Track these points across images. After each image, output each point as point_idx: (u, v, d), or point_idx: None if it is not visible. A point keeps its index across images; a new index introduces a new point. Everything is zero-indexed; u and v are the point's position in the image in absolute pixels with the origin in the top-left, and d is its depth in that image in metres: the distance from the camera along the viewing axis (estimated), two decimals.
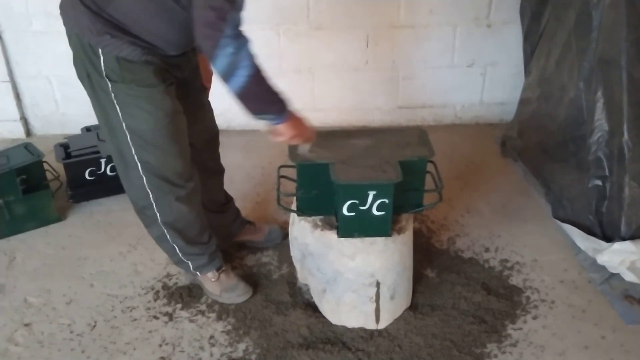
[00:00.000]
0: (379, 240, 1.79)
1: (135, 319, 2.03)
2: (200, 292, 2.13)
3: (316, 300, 2.02)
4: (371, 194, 1.68)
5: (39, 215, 2.48)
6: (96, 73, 1.62)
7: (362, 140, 1.88)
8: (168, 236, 1.94)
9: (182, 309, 2.06)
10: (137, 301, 2.10)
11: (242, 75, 1.50)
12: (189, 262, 2.03)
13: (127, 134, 1.70)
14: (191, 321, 2.01)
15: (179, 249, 1.98)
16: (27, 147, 2.59)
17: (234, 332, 1.96)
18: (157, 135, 1.71)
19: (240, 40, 1.48)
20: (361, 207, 1.71)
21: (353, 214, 1.72)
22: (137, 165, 1.76)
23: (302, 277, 2.09)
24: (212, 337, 1.95)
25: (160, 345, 1.92)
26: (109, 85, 1.62)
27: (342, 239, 1.79)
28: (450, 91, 3.26)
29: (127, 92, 1.63)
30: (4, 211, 2.39)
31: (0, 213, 2.39)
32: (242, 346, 1.90)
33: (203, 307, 2.07)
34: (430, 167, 1.87)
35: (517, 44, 3.04)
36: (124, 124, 1.69)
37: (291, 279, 2.16)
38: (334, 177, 1.68)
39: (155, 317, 2.03)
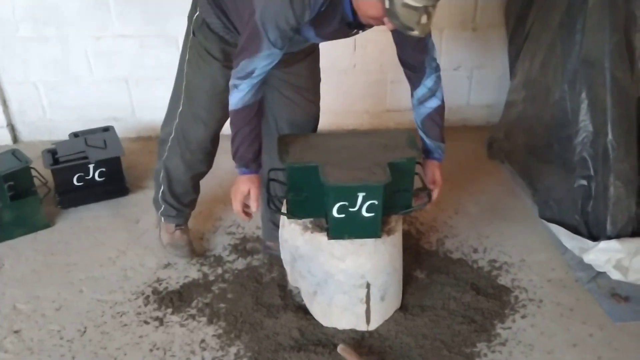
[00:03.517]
0: (369, 241, 1.80)
1: (125, 324, 2.02)
2: (191, 296, 2.13)
3: (307, 302, 2.03)
4: (360, 195, 1.69)
5: (27, 222, 2.46)
6: (190, 22, 1.92)
7: (351, 142, 1.90)
8: (161, 175, 2.18)
9: (172, 313, 2.06)
10: (127, 306, 2.09)
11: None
12: (162, 206, 2.24)
13: (184, 80, 1.98)
14: (182, 325, 2.01)
15: (161, 191, 2.21)
16: (14, 153, 2.58)
17: (225, 336, 1.96)
18: (200, 97, 1.97)
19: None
20: (351, 209, 1.72)
21: (343, 215, 1.73)
22: (179, 108, 2.03)
23: (293, 279, 2.10)
24: (203, 341, 1.95)
25: (151, 350, 1.92)
26: (191, 36, 1.92)
27: (332, 241, 1.80)
28: None
29: (197, 49, 1.91)
30: None
31: None
32: (233, 350, 1.90)
33: (194, 312, 2.07)
34: (418, 169, 1.89)
35: (502, 47, 3.09)
36: (185, 71, 1.97)
37: (282, 282, 2.17)
38: (323, 179, 1.69)
39: (146, 322, 2.03)
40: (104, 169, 2.62)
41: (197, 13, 1.87)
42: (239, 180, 1.81)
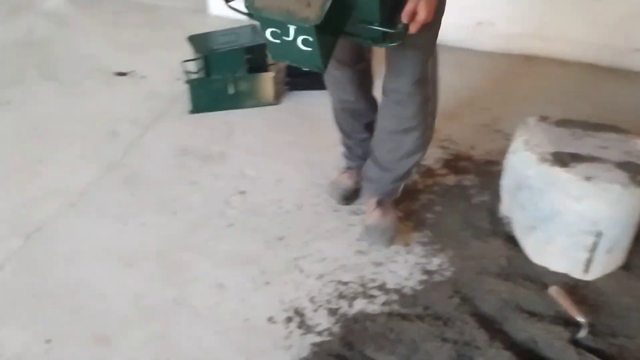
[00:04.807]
0: (616, 188, 1.65)
1: (336, 210, 2.12)
2: (400, 198, 2.15)
3: (519, 234, 1.94)
4: (292, 28, 1.43)
5: (258, 95, 2.64)
6: None
7: None
8: None
9: None
10: None
11: None
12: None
13: None
14: None
15: None
16: (253, 28, 2.72)
17: (429, 246, 1.97)
18: None
19: None
20: (285, 37, 1.47)
21: (278, 41, 1.49)
22: None
23: (507, 208, 2.01)
24: (407, 244, 1.98)
25: (358, 240, 2.00)
26: None
27: (572, 178, 1.67)
28: None
29: None
30: (231, 85, 2.57)
31: (227, 86, 2.58)
32: (436, 260, 1.92)
33: (401, 215, 2.09)
34: None
35: None
36: None
37: (492, 208, 2.10)
38: (246, 1, 1.41)
39: (355, 213, 2.10)
40: None
41: None
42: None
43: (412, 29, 1.45)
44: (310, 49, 1.43)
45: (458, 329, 1.66)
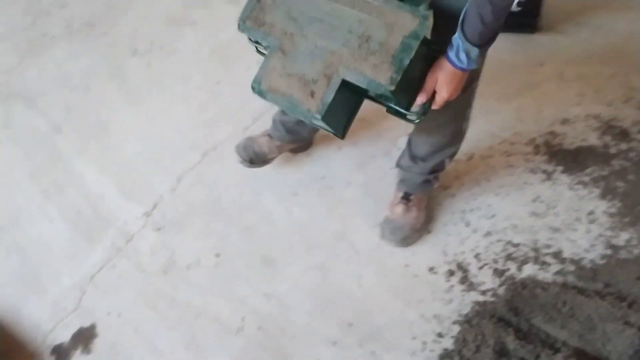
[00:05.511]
0: None
1: (511, 165, 1.96)
2: (586, 162, 1.94)
3: None
4: None
5: None
6: None
7: (341, 12, 1.28)
8: None
9: (562, 172, 1.92)
10: (515, 148, 2.01)
11: None
12: None
13: None
14: (571, 189, 1.86)
15: None
16: None
17: (617, 217, 1.76)
18: None
19: None
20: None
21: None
22: None
23: None
24: (591, 212, 1.79)
25: (534, 200, 1.84)
26: None
27: None
28: None
29: None
30: None
31: None
32: (625, 235, 1.71)
33: (586, 179, 1.89)
34: None
35: None
36: None
37: None
38: (255, 78, 1.33)
39: (533, 172, 1.93)
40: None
41: None
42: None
43: (435, 106, 1.34)
44: (322, 123, 1.35)
45: None
